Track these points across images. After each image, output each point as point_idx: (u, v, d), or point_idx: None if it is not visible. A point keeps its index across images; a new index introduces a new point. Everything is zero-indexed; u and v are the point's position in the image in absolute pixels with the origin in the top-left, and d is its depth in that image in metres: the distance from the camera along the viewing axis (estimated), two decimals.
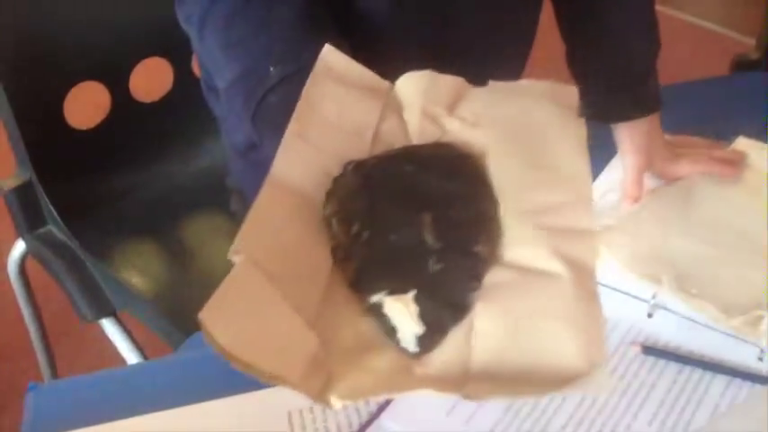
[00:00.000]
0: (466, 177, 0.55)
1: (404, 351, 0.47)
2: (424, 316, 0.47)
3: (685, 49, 2.27)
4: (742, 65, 1.50)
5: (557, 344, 0.46)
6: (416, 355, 0.47)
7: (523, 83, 0.62)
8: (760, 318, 0.67)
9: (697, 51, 2.37)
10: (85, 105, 1.13)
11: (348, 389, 0.44)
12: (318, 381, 0.44)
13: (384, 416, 0.60)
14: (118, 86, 1.12)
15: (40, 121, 1.06)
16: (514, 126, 0.58)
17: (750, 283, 0.71)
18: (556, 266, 0.49)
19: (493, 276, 0.50)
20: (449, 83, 0.60)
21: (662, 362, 0.66)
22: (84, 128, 1.11)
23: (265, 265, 0.47)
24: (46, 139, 1.07)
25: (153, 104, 1.17)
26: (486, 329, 0.48)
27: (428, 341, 0.47)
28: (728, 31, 2.57)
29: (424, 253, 0.50)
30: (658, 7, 0.86)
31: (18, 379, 1.51)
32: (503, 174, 0.55)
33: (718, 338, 0.68)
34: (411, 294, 0.48)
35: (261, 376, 0.43)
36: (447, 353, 0.47)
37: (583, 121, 0.58)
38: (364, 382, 0.45)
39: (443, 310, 0.48)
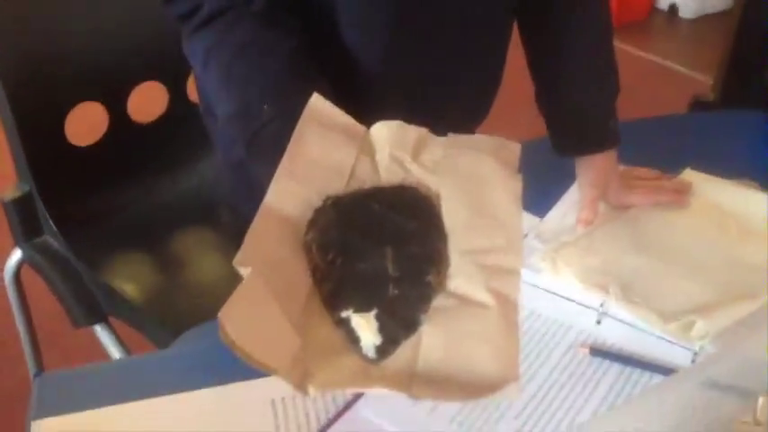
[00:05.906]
0: (423, 217, 0.66)
1: (365, 357, 0.58)
2: (382, 330, 0.59)
3: (647, 87, 2.37)
4: (699, 104, 1.58)
5: (483, 361, 0.58)
6: (374, 361, 0.58)
7: (477, 138, 0.73)
8: (692, 324, 0.74)
9: (659, 90, 2.48)
10: (85, 124, 1.18)
11: (321, 381, 0.56)
12: (298, 373, 0.55)
13: (360, 403, 0.67)
14: (116, 107, 1.17)
15: (42, 136, 1.10)
16: (464, 176, 0.69)
17: (686, 293, 0.78)
18: (487, 298, 0.62)
19: (438, 302, 0.62)
20: (414, 132, 0.71)
21: (607, 362, 0.73)
22: (84, 145, 1.15)
23: (264, 277, 0.57)
24: (47, 154, 1.11)
25: (148, 125, 1.22)
26: (430, 344, 0.59)
27: (384, 350, 0.59)
28: (690, 71, 2.68)
29: (386, 280, 0.61)
30: (623, 46, 0.94)
31: (6, 380, 1.55)
32: (451, 216, 0.67)
33: (657, 342, 0.75)
34: (373, 313, 0.59)
35: (256, 365, 0.53)
36: (398, 361, 0.59)
37: (520, 176, 0.69)
38: (334, 378, 0.57)
39: (398, 327, 0.59)
